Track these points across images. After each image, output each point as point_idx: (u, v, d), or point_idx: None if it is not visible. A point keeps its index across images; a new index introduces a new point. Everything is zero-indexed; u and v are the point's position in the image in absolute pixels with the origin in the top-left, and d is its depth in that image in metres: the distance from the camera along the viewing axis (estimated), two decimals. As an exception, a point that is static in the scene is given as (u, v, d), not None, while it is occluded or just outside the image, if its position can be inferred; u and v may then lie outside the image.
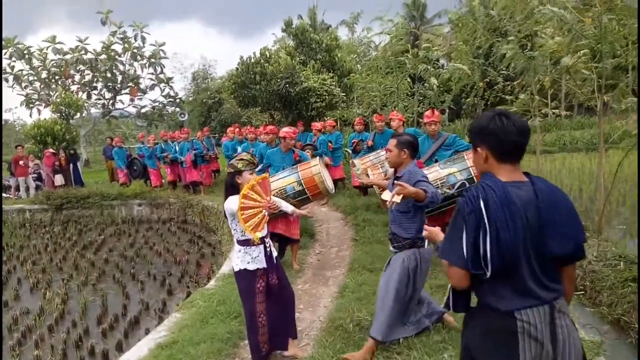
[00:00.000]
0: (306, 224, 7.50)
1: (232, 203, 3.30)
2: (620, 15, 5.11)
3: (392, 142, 3.50)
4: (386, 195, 3.33)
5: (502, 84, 6.81)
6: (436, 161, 5.54)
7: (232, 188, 3.42)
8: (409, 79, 12.67)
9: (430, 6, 33.32)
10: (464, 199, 1.77)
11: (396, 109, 11.99)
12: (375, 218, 7.59)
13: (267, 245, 3.48)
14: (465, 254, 1.72)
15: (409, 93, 13.21)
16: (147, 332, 5.21)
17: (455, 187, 5.06)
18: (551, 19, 5.20)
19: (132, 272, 7.83)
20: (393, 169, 5.44)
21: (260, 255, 3.42)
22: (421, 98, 12.54)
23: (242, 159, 3.48)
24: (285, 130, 5.84)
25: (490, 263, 1.70)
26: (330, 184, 5.78)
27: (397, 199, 3.09)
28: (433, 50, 10.14)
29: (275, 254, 3.59)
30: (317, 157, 6.02)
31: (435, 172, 5.19)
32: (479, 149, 1.86)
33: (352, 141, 9.24)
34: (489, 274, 1.72)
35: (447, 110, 14.02)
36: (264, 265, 3.43)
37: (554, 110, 6.32)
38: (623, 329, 4.00)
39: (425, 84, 12.19)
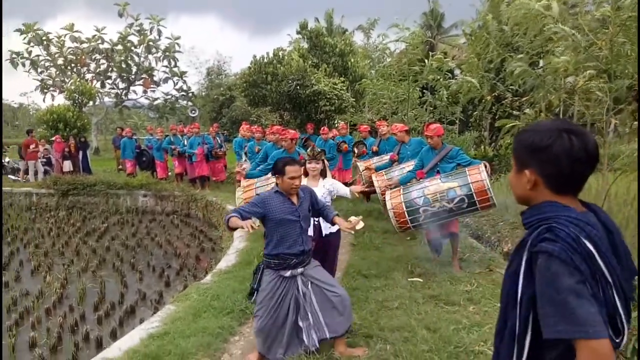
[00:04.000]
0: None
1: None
2: (633, 39, 5.12)
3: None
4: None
5: (510, 98, 6.84)
6: (438, 172, 5.57)
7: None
8: (418, 89, 12.69)
9: (447, 16, 33.26)
10: (556, 245, 1.27)
11: (405, 117, 12.03)
12: (376, 225, 7.62)
13: (316, 220, 4.13)
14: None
15: (420, 102, 13.23)
16: (142, 321, 5.26)
17: (454, 201, 5.09)
18: (563, 38, 5.22)
19: (132, 261, 7.92)
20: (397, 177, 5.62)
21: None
22: (431, 108, 12.57)
23: (307, 152, 4.37)
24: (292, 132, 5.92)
25: (625, 328, 1.29)
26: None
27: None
28: (445, 61, 10.15)
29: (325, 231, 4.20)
30: (322, 162, 6.05)
31: (435, 185, 5.24)
32: (527, 171, 1.40)
33: (338, 142, 9.40)
34: (623, 344, 1.30)
35: (457, 122, 14.01)
36: (312, 234, 4.03)
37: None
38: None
39: (436, 94, 12.22)
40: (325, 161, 6.32)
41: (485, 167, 5.18)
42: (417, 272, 5.42)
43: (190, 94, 28.92)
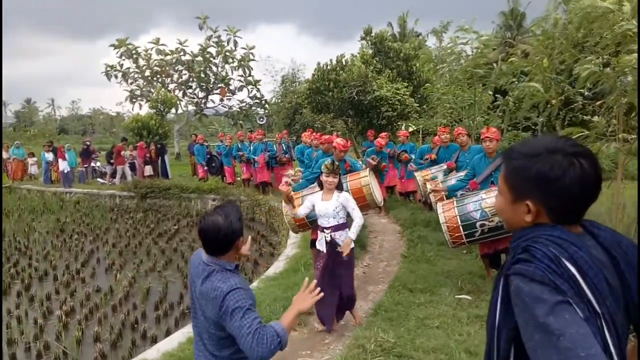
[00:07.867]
0: (361, 235, 7.44)
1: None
2: None
3: None
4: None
5: (581, 102, 6.25)
6: (493, 183, 5.24)
7: (320, 184, 4.44)
8: (490, 92, 12.02)
9: (529, 15, 31.35)
10: (530, 265, 1.12)
11: (473, 123, 11.48)
12: (431, 236, 7.35)
13: (327, 235, 4.23)
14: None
15: (491, 107, 12.51)
16: (193, 323, 5.52)
17: None
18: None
19: (194, 263, 8.29)
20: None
21: (322, 240, 4.29)
22: (501, 114, 11.85)
23: (325, 165, 4.32)
24: (338, 141, 5.87)
25: None
26: (378, 197, 5.70)
27: None
28: (516, 63, 9.53)
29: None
30: (367, 168, 5.95)
31: (494, 197, 4.91)
32: (528, 202, 1.21)
33: (398, 152, 9.22)
34: None
35: (534, 127, 13.11)
36: (324, 249, 4.25)
37: (632, 137, 5.62)
38: None
39: (508, 98, 11.51)
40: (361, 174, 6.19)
41: None
42: (467, 288, 5.14)
43: (263, 102, 29.89)
